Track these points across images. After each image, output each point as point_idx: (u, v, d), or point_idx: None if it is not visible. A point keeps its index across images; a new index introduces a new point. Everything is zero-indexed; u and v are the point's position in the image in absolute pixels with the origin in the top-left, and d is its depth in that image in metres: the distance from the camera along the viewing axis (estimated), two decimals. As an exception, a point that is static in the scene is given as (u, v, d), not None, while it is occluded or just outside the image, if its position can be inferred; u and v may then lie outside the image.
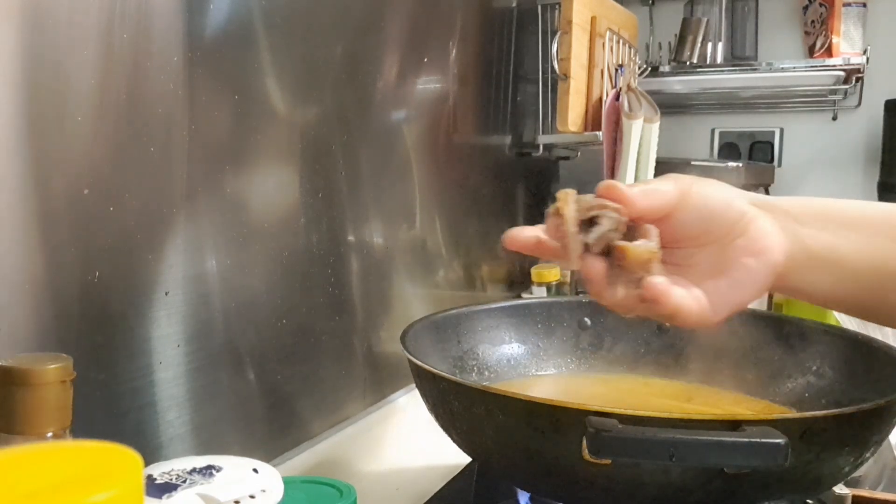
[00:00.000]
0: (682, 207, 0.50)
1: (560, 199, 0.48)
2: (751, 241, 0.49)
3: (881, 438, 0.52)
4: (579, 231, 0.47)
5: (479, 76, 1.15)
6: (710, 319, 0.49)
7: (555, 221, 0.48)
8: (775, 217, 0.50)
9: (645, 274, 0.47)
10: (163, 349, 0.58)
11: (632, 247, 0.47)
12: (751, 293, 0.50)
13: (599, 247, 0.47)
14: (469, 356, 0.73)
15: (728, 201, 0.50)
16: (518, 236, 0.51)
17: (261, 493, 0.44)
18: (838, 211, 0.51)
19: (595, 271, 0.48)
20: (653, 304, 0.47)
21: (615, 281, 0.48)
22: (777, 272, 0.49)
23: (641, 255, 0.47)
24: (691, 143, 1.90)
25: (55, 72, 0.49)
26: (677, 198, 0.49)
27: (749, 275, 0.49)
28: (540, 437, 0.49)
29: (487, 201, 1.19)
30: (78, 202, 0.51)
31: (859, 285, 0.50)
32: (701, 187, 0.50)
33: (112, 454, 0.24)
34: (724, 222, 0.49)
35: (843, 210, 0.51)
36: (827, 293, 0.51)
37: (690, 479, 0.47)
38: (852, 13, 1.68)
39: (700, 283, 0.49)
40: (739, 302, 0.49)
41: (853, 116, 1.80)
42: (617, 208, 0.47)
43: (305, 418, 0.76)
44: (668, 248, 0.49)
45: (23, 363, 0.36)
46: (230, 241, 0.65)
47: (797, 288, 0.51)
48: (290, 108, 0.72)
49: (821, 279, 0.50)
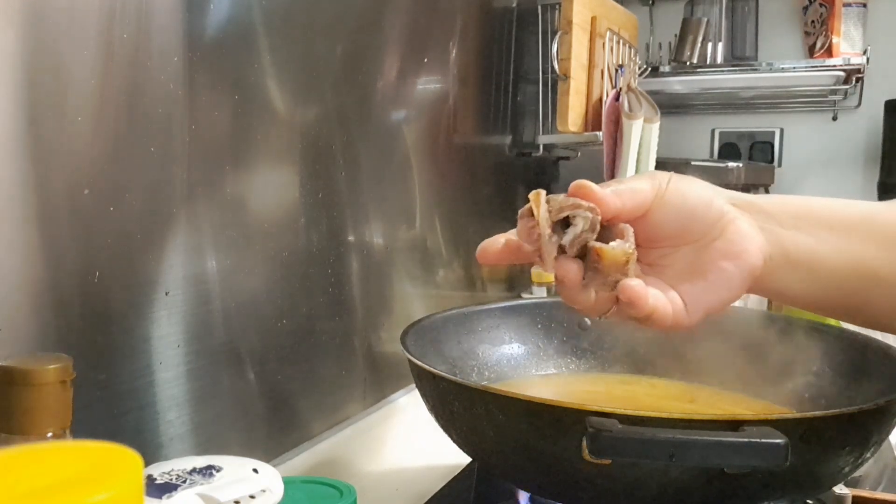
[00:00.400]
0: (659, 206, 0.48)
1: (531, 199, 0.46)
2: (729, 244, 0.48)
3: (881, 438, 0.52)
4: (552, 233, 0.46)
5: (479, 76, 1.15)
6: (685, 323, 0.48)
7: (527, 223, 0.46)
8: (754, 218, 0.49)
9: (621, 276, 0.45)
10: (163, 349, 0.58)
11: (608, 249, 0.45)
12: (727, 297, 0.48)
13: (574, 249, 0.46)
14: (469, 356, 0.73)
15: (708, 201, 0.48)
16: (490, 248, 0.49)
17: (261, 493, 0.44)
18: (818, 211, 0.50)
19: (570, 275, 0.46)
20: (628, 307, 0.46)
21: (589, 283, 0.47)
22: (755, 276, 0.48)
23: (618, 257, 0.45)
24: (691, 143, 1.90)
25: (55, 72, 0.49)
26: (653, 197, 0.48)
27: (726, 278, 0.48)
28: (540, 438, 0.49)
29: (487, 201, 1.19)
30: (78, 202, 0.51)
31: (838, 288, 0.49)
32: (679, 185, 0.49)
33: (112, 454, 0.24)
34: (702, 223, 0.48)
35: (824, 210, 0.50)
36: (806, 295, 0.50)
37: (690, 480, 0.47)
38: (852, 13, 1.68)
39: (675, 284, 0.48)
40: (715, 305, 0.48)
41: (853, 116, 1.80)
42: (591, 207, 0.46)
43: (305, 418, 0.76)
44: (643, 247, 0.48)
45: (23, 363, 0.36)
46: (230, 241, 0.65)
47: (775, 290, 0.50)
48: (290, 108, 0.72)
49: (799, 281, 0.49)
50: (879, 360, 0.61)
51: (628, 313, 0.47)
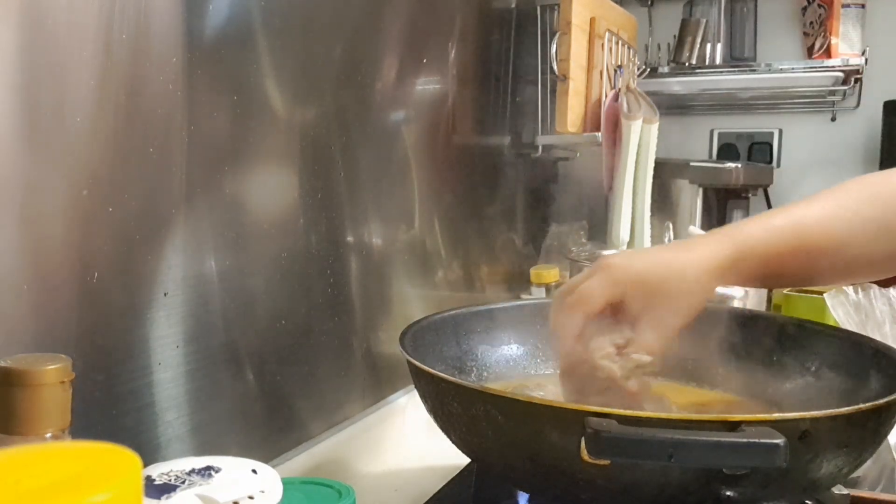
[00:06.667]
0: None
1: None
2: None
3: (880, 439, 0.52)
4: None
5: (477, 77, 1.15)
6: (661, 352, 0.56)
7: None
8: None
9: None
10: (162, 350, 0.58)
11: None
12: (688, 316, 0.57)
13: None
14: (468, 357, 0.73)
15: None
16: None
17: (259, 493, 0.44)
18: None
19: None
20: (630, 398, 0.56)
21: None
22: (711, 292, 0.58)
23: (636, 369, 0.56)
24: (690, 143, 1.90)
25: (54, 72, 0.49)
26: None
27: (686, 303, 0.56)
28: (539, 438, 0.49)
29: (486, 202, 1.19)
30: (77, 203, 0.51)
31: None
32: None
33: (111, 455, 0.24)
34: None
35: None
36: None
37: (689, 480, 0.47)
38: (851, 14, 1.69)
39: (640, 316, 0.56)
40: (680, 325, 0.56)
41: (852, 117, 1.80)
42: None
43: (304, 419, 0.76)
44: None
45: (22, 364, 0.36)
46: (229, 241, 0.65)
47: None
48: (289, 108, 0.72)
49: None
50: (879, 360, 0.61)
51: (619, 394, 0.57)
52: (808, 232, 0.57)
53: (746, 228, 0.58)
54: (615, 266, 0.57)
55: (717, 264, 0.56)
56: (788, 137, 1.85)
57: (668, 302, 0.55)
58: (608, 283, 0.56)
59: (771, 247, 0.56)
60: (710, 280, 0.56)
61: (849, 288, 0.90)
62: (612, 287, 0.56)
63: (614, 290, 0.56)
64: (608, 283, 0.56)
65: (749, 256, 0.56)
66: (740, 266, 0.56)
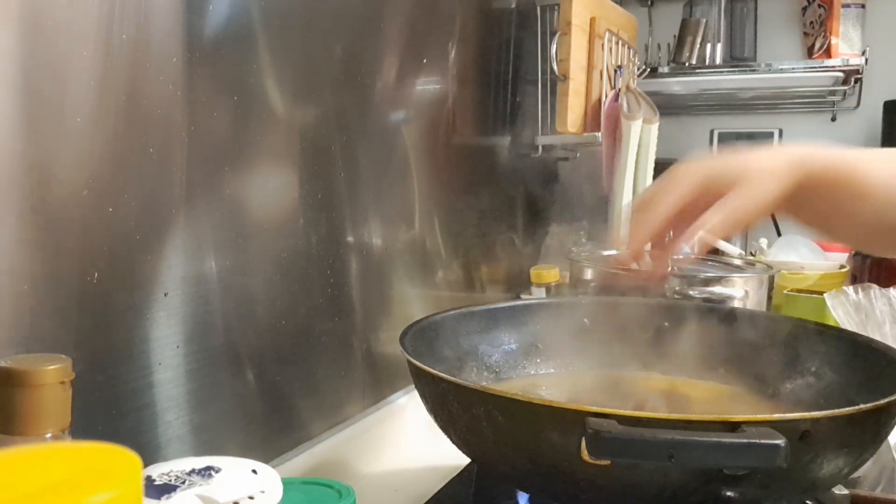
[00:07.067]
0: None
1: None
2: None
3: (881, 439, 0.52)
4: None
5: (478, 77, 1.15)
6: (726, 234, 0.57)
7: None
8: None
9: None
10: (162, 350, 0.58)
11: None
12: (760, 207, 0.57)
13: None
14: (468, 357, 0.73)
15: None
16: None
17: (260, 494, 0.44)
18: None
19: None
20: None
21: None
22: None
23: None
24: (690, 143, 1.89)
25: (54, 73, 0.49)
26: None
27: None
28: (539, 438, 0.49)
29: (486, 202, 1.19)
30: (77, 203, 0.51)
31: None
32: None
33: (111, 455, 0.24)
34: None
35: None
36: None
37: (690, 480, 0.47)
38: (851, 14, 1.68)
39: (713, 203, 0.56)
40: (751, 214, 0.56)
41: (852, 117, 1.80)
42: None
43: (304, 419, 0.76)
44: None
45: (22, 364, 0.36)
46: (229, 241, 0.65)
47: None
48: (290, 109, 0.72)
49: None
50: (879, 361, 0.61)
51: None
52: (864, 170, 0.58)
53: (810, 146, 0.61)
54: (696, 159, 0.59)
55: (790, 158, 0.58)
56: (788, 137, 1.85)
57: (747, 185, 0.57)
58: (694, 167, 0.58)
59: (829, 168, 0.59)
60: (787, 170, 0.58)
61: (849, 288, 0.90)
62: (697, 171, 0.58)
63: (697, 175, 0.58)
64: (694, 167, 0.58)
65: (812, 160, 0.58)
66: (807, 165, 0.58)
